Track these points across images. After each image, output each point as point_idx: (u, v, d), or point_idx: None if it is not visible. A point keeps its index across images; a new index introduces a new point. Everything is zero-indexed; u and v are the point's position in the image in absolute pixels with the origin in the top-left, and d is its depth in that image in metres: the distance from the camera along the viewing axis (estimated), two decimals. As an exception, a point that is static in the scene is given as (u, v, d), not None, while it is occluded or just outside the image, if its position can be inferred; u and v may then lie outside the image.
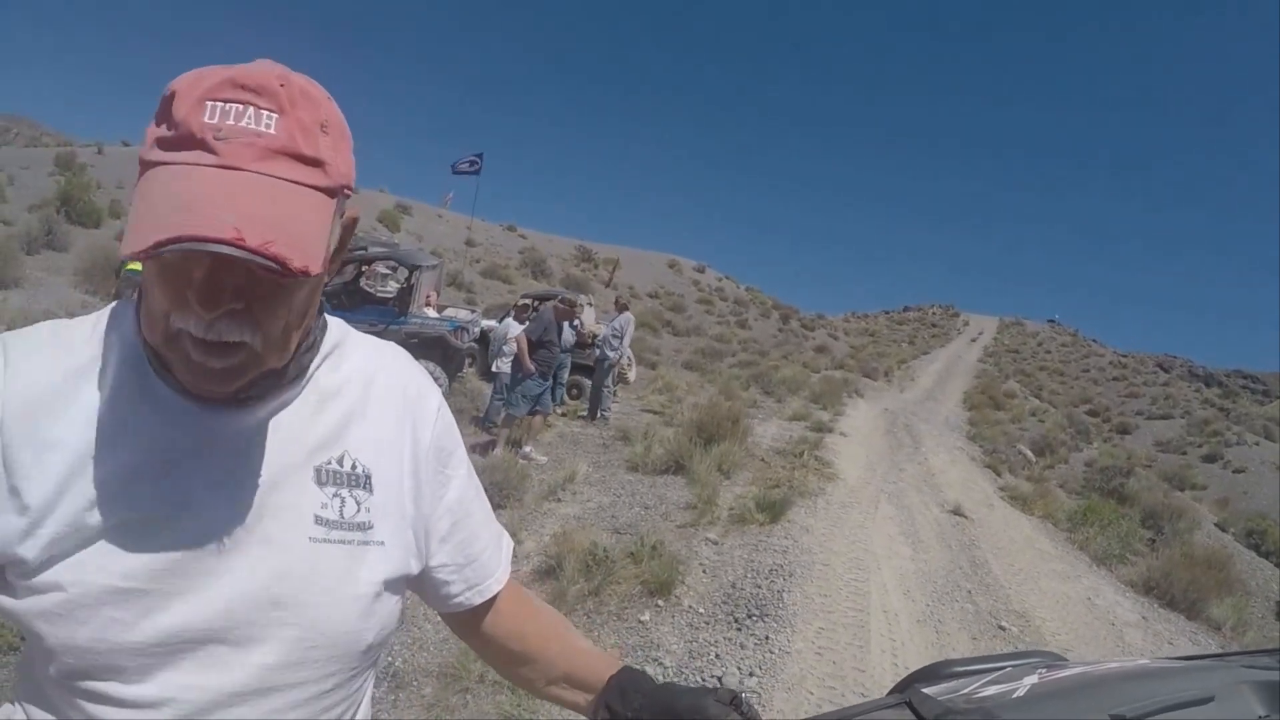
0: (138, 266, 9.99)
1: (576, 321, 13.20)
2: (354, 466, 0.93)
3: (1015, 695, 0.86)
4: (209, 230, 0.68)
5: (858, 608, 5.73)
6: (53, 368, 0.84)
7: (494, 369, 10.04)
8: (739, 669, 4.51)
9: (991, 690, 0.91)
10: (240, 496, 0.86)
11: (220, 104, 0.75)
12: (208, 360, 0.78)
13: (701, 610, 5.35)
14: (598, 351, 12.48)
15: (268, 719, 0.86)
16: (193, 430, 0.85)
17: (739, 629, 5.05)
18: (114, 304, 0.93)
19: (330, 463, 0.92)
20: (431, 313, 13.83)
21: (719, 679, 4.39)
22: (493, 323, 13.06)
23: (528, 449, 9.31)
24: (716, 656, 4.67)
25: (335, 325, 1.00)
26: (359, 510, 0.92)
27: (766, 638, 4.91)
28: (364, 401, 0.97)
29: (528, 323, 9.81)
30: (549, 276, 34.40)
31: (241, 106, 0.75)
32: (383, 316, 11.74)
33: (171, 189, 0.72)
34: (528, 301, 10.12)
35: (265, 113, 0.76)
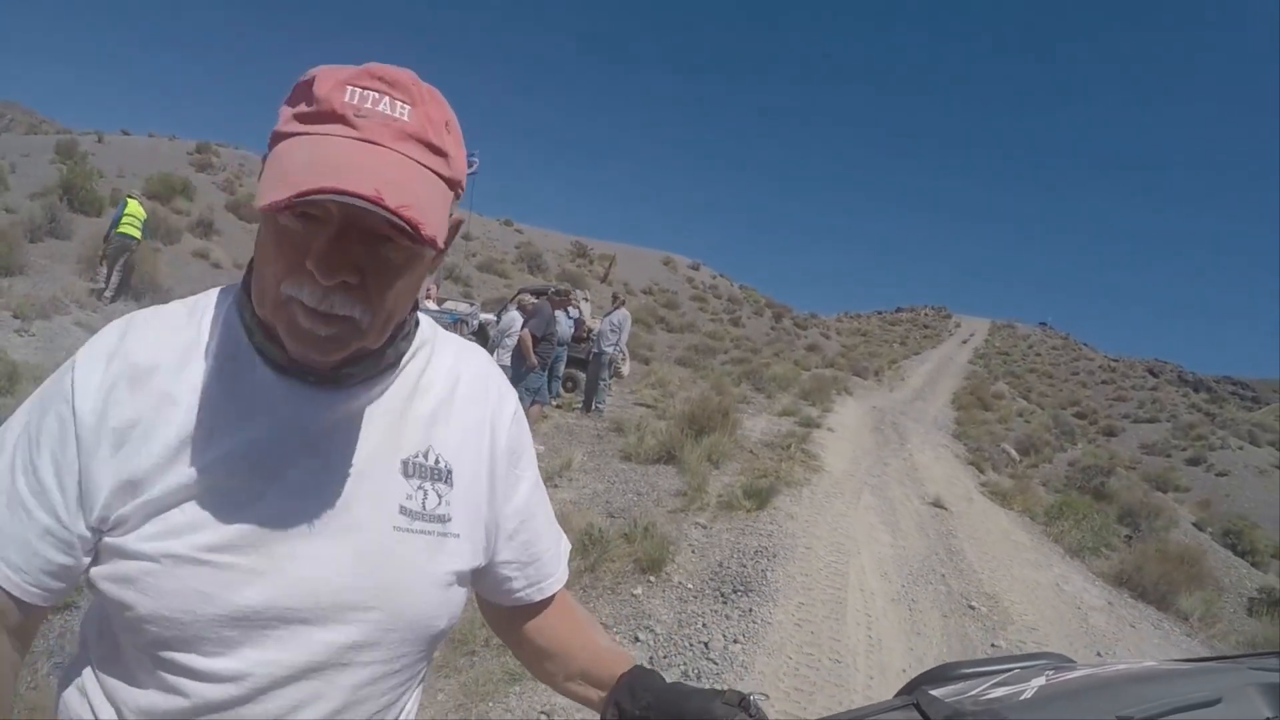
0: (129, 230, 10.32)
1: (575, 312, 13.50)
2: (438, 461, 0.98)
3: (1023, 697, 0.88)
4: (353, 186, 0.73)
5: (836, 586, 6.11)
6: (166, 340, 0.91)
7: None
8: (724, 636, 4.89)
9: (999, 692, 0.93)
10: (331, 482, 0.90)
11: (359, 89, 0.81)
12: (315, 327, 0.82)
13: (690, 586, 5.70)
14: (594, 346, 12.80)
15: (338, 693, 0.90)
16: (291, 414, 0.89)
17: (725, 602, 5.42)
18: (213, 290, 0.98)
19: (417, 456, 0.96)
20: (431, 305, 14.14)
21: (705, 644, 4.76)
22: (490, 316, 13.34)
23: (525, 438, 9.61)
24: (703, 626, 5.04)
25: (426, 322, 1.05)
26: (440, 503, 0.96)
27: (750, 610, 5.28)
28: (450, 399, 1.02)
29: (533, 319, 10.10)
30: (545, 271, 34.69)
31: (378, 94, 0.81)
32: None
33: (312, 153, 0.78)
34: (532, 300, 10.40)
35: (399, 102, 0.82)
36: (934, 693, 0.96)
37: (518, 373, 9.59)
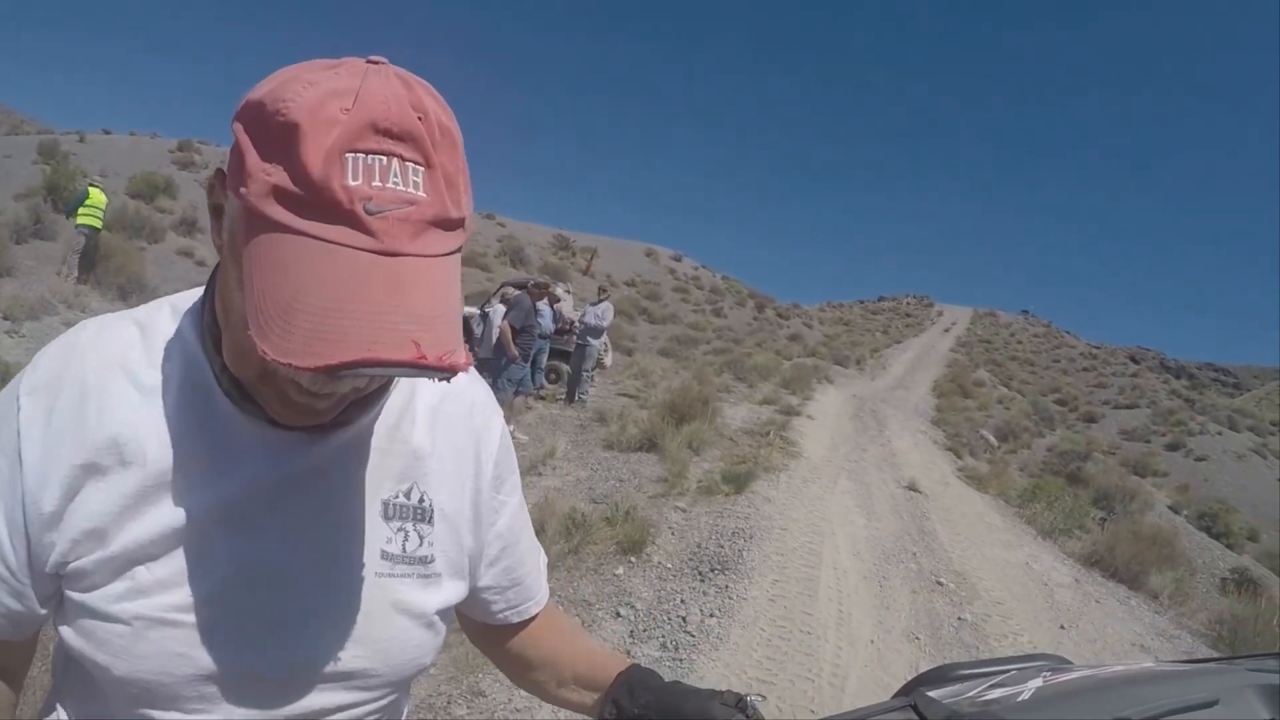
0: (90, 220, 10.56)
1: (556, 306, 13.69)
2: (420, 500, 0.92)
3: (1020, 698, 0.88)
4: (391, 352, 0.61)
5: (810, 565, 6.38)
6: (119, 369, 0.82)
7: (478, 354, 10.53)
8: (701, 611, 5.14)
9: (996, 693, 0.93)
10: (308, 531, 0.85)
11: (363, 157, 0.64)
12: (313, 402, 0.76)
13: (669, 565, 5.95)
14: (579, 339, 13.01)
15: None
16: (263, 461, 0.83)
17: (702, 580, 5.67)
18: (164, 303, 0.89)
19: (398, 496, 0.91)
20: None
21: (683, 619, 5.01)
22: (473, 310, 13.51)
23: (510, 428, 9.75)
24: (681, 602, 5.29)
25: None
26: (421, 544, 0.92)
27: (726, 587, 5.54)
28: (432, 429, 0.95)
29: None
30: (527, 264, 34.86)
31: (386, 160, 0.65)
32: None
33: (328, 280, 0.63)
34: (514, 292, 10.61)
35: (411, 166, 0.66)
36: (931, 694, 0.97)
37: (499, 365, 9.79)
